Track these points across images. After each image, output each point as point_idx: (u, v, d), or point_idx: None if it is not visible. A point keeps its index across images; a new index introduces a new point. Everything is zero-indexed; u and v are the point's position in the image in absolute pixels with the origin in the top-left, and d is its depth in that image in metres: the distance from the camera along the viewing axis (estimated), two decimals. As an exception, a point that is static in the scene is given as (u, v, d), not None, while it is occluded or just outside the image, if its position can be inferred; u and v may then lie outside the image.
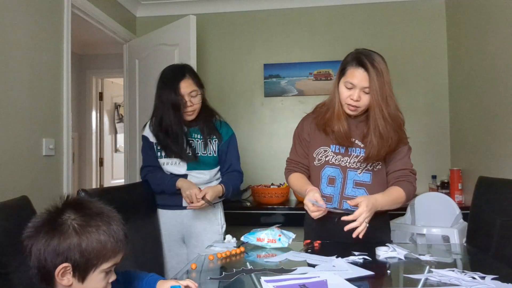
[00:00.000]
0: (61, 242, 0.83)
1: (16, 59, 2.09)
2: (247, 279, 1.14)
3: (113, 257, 0.88)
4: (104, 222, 0.87)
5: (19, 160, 2.09)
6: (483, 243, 1.50)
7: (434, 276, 1.13)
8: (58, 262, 0.83)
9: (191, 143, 1.85)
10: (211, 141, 1.88)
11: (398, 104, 1.54)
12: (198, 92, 1.82)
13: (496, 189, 1.54)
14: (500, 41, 2.34)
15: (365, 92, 1.44)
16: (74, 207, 0.87)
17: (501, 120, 2.35)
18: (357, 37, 3.35)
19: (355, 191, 1.56)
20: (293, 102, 3.45)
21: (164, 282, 1.04)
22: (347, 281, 1.08)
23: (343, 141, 1.54)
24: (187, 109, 1.80)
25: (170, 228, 1.87)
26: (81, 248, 0.83)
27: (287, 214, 2.95)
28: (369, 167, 1.55)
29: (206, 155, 1.86)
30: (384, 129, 1.47)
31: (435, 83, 3.27)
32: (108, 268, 0.88)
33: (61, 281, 0.85)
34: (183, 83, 1.78)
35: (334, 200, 1.58)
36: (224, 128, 1.93)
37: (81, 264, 0.84)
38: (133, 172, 3.38)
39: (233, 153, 1.92)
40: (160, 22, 3.29)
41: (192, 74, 1.84)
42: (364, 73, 1.42)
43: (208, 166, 1.87)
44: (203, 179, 1.86)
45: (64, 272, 0.84)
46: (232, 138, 1.93)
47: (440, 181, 3.09)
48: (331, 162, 1.58)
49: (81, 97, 4.76)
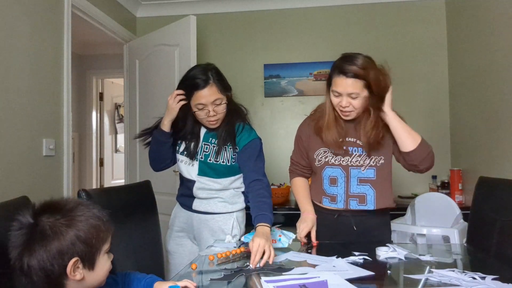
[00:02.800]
0: (61, 241, 0.84)
1: (16, 60, 2.09)
2: (247, 279, 1.14)
3: (107, 236, 0.92)
4: (85, 209, 0.90)
5: (19, 160, 2.09)
6: (484, 243, 1.50)
7: (435, 276, 1.13)
8: (66, 261, 0.84)
9: (206, 148, 1.71)
10: (226, 148, 1.68)
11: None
12: (223, 100, 1.63)
13: (496, 189, 1.54)
14: (500, 41, 2.34)
15: (352, 97, 1.44)
16: (47, 211, 0.87)
17: (502, 120, 2.35)
18: (357, 37, 3.35)
19: (360, 188, 1.56)
20: (293, 103, 3.45)
21: (162, 284, 1.05)
22: (347, 281, 1.08)
23: (334, 149, 1.57)
24: (210, 119, 1.63)
25: (183, 226, 1.80)
26: (82, 238, 0.86)
27: (287, 214, 2.95)
28: (372, 163, 1.55)
29: (219, 163, 1.68)
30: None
31: (435, 83, 3.27)
32: (108, 248, 0.92)
33: (74, 277, 0.86)
34: (206, 91, 1.59)
35: (339, 199, 1.58)
36: (245, 133, 1.70)
37: (87, 253, 0.87)
38: (133, 172, 3.38)
39: (250, 160, 1.65)
40: (160, 23, 3.30)
41: (217, 79, 1.63)
42: (347, 79, 1.41)
43: (221, 175, 1.70)
44: (214, 187, 1.70)
45: (75, 268, 0.86)
46: (250, 144, 1.68)
47: (440, 181, 3.09)
48: (331, 163, 1.59)
49: (81, 97, 4.76)
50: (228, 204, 1.72)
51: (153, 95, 3.16)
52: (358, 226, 1.58)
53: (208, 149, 1.70)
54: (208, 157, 1.69)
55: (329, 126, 1.54)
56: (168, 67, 2.98)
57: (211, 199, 1.71)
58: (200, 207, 1.72)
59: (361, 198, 1.56)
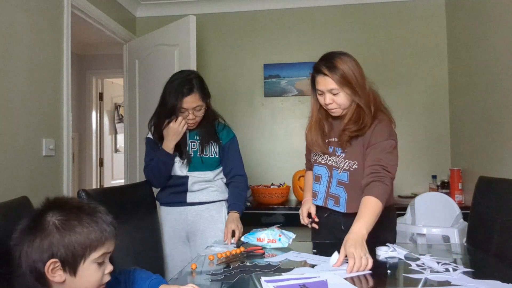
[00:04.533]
0: (43, 239, 0.84)
1: (16, 60, 2.09)
2: (247, 279, 1.14)
3: (100, 246, 0.88)
4: (85, 214, 0.88)
5: (19, 160, 2.09)
6: (484, 243, 1.50)
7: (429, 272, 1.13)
8: (45, 259, 0.84)
9: (193, 144, 1.88)
10: (212, 143, 1.88)
11: (381, 95, 1.60)
12: (202, 106, 1.81)
13: (496, 189, 1.54)
14: (500, 40, 2.34)
15: (333, 93, 1.51)
16: (56, 207, 0.88)
17: (501, 120, 2.35)
18: (357, 37, 3.35)
19: (337, 189, 1.59)
20: (293, 102, 3.45)
21: (167, 287, 1.02)
22: (347, 281, 1.08)
23: (319, 150, 1.63)
24: (189, 121, 1.81)
25: (175, 225, 1.87)
26: (63, 242, 0.84)
27: (287, 214, 2.95)
28: (346, 167, 1.56)
29: (208, 156, 1.87)
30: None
31: (435, 83, 3.27)
32: (99, 258, 0.88)
33: (53, 278, 0.85)
34: (189, 98, 1.76)
35: (319, 196, 1.64)
36: (224, 131, 1.93)
37: (68, 258, 0.85)
38: (133, 172, 3.38)
39: (235, 156, 1.92)
40: (160, 22, 3.30)
41: (199, 88, 1.79)
42: (325, 77, 1.50)
43: (210, 167, 1.88)
44: (206, 178, 1.87)
45: (54, 269, 0.84)
46: (232, 141, 1.93)
47: (440, 181, 3.09)
48: (318, 161, 1.66)
49: (81, 97, 4.76)
50: (219, 192, 1.90)
51: (153, 95, 3.15)
52: (345, 227, 1.57)
53: (195, 145, 1.88)
54: (197, 152, 1.87)
55: (311, 127, 1.64)
56: (168, 67, 2.98)
57: (204, 189, 1.87)
58: (195, 199, 1.86)
59: (336, 199, 1.59)
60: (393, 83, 3.24)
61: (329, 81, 1.49)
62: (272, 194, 3.01)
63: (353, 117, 1.52)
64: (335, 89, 1.49)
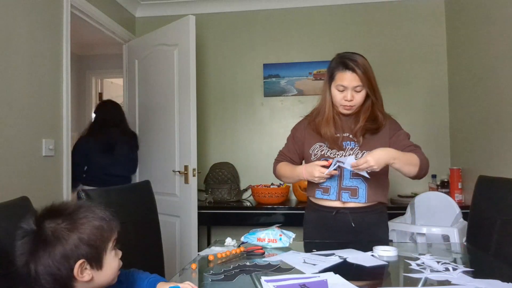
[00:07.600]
0: (65, 245, 0.85)
1: (16, 60, 2.09)
2: (247, 279, 1.14)
3: (112, 235, 0.93)
4: (88, 211, 0.91)
5: (19, 161, 2.09)
6: (483, 242, 1.50)
7: (430, 272, 1.13)
8: (72, 264, 0.85)
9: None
10: None
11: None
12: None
13: (496, 188, 1.54)
14: (500, 40, 2.34)
15: (356, 91, 1.55)
16: (49, 216, 0.88)
17: (501, 119, 2.35)
18: (357, 36, 3.35)
19: (352, 182, 1.60)
20: (293, 102, 3.45)
21: (165, 284, 1.05)
22: (347, 281, 1.08)
23: (331, 144, 1.63)
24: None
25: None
26: (85, 240, 0.87)
27: (287, 214, 2.95)
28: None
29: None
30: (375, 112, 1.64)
31: (435, 83, 3.27)
32: (113, 246, 0.93)
33: (83, 279, 0.87)
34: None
35: (332, 191, 1.62)
36: None
37: (93, 254, 0.88)
38: (133, 172, 3.37)
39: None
40: (160, 22, 3.29)
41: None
42: (352, 74, 1.53)
43: None
44: None
45: (82, 269, 0.87)
46: None
47: (440, 180, 3.09)
48: (326, 155, 1.63)
49: (80, 97, 4.75)
50: None
51: (152, 95, 3.16)
52: (355, 223, 1.58)
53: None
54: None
55: (328, 121, 1.63)
56: (168, 67, 2.98)
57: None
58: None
59: (353, 191, 1.59)
60: (393, 83, 3.24)
61: (356, 78, 1.53)
62: (272, 194, 3.01)
63: (368, 116, 1.60)
64: (360, 86, 1.54)
